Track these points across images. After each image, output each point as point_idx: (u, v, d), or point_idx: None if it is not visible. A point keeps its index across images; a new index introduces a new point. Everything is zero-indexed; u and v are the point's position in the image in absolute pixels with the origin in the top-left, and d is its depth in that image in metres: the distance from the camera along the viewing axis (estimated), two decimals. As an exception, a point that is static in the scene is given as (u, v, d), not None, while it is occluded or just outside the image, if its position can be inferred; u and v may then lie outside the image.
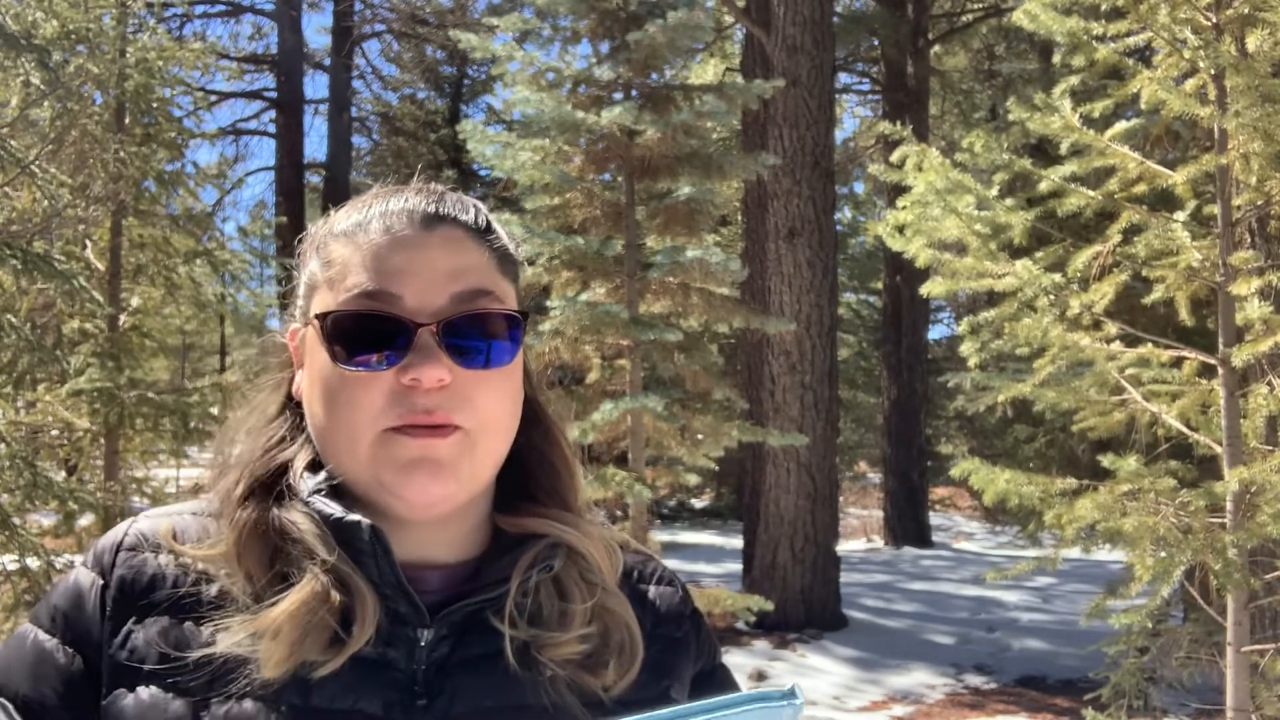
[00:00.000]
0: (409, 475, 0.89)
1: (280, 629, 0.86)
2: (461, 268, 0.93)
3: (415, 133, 21.85)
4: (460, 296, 0.91)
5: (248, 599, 0.89)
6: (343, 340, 0.90)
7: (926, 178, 4.44)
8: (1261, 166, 4.03)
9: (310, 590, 0.87)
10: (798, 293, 10.29)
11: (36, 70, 5.38)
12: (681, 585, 1.09)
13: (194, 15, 18.81)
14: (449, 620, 0.92)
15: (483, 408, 0.91)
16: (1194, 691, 6.09)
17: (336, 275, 0.93)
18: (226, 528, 0.93)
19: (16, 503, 5.30)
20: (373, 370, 0.89)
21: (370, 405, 0.89)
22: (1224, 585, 3.90)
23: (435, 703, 0.89)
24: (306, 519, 0.91)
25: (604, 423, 6.18)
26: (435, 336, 0.89)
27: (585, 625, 0.95)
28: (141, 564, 0.93)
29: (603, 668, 0.94)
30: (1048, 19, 4.16)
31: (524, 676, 0.91)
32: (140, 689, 0.87)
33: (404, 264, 0.91)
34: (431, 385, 0.88)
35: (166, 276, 7.93)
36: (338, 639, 0.87)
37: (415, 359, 0.88)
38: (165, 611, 0.90)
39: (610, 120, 6.32)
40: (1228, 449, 4.06)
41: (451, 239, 0.94)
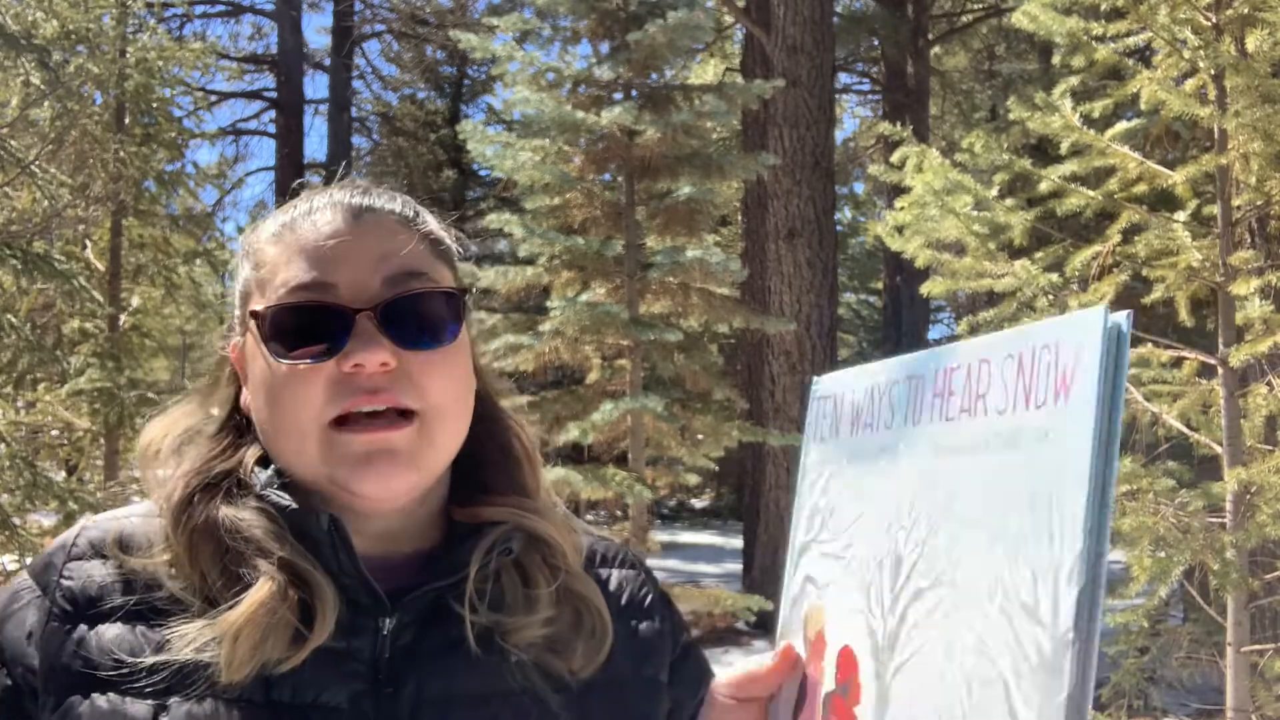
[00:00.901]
0: (364, 470, 0.88)
1: (240, 632, 0.84)
2: (391, 250, 0.92)
3: (415, 133, 21.84)
4: (393, 279, 0.91)
5: (202, 602, 0.87)
6: (280, 335, 0.89)
7: (925, 178, 4.44)
8: (1261, 166, 4.03)
9: (267, 590, 0.86)
10: (798, 293, 10.29)
11: (36, 70, 5.39)
12: (644, 568, 1.09)
13: (194, 15, 18.82)
14: (411, 607, 0.91)
15: (431, 389, 0.90)
16: (1194, 691, 6.09)
17: (268, 275, 0.93)
18: (175, 531, 0.91)
19: (16, 503, 5.31)
20: (315, 362, 0.88)
21: (313, 398, 0.88)
22: (1223, 585, 3.90)
23: (402, 691, 0.89)
24: (258, 515, 0.90)
25: (604, 423, 6.18)
26: (374, 321, 0.88)
27: (551, 609, 0.94)
28: (91, 572, 0.91)
29: (570, 651, 0.94)
30: (1048, 19, 4.16)
31: (489, 661, 0.91)
32: (96, 696, 0.86)
33: (334, 253, 0.91)
34: (374, 369, 0.87)
35: (166, 276, 7.93)
36: (299, 635, 0.86)
37: (355, 345, 0.87)
38: (119, 618, 0.88)
39: (610, 120, 6.32)
40: (1227, 449, 4.07)
41: (379, 225, 0.94)
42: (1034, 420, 0.64)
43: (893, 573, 0.73)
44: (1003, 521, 0.64)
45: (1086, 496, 0.59)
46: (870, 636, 0.74)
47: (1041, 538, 0.61)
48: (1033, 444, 0.63)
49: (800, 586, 0.83)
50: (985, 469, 0.67)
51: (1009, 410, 0.66)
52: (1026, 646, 0.61)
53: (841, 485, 0.80)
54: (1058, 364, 0.63)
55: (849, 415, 0.81)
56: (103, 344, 7.30)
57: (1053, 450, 0.62)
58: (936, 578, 0.69)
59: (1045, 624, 0.60)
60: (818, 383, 0.87)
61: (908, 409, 0.75)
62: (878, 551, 0.74)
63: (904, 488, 0.73)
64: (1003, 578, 0.63)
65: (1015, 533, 0.63)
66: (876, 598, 0.74)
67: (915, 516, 0.72)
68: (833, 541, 0.80)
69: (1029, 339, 0.66)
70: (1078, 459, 0.60)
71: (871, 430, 0.78)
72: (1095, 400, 0.60)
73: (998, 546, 0.64)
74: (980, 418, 0.68)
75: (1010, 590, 0.63)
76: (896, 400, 0.76)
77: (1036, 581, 0.61)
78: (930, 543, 0.70)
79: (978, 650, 0.64)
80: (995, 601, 0.64)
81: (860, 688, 0.74)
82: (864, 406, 0.79)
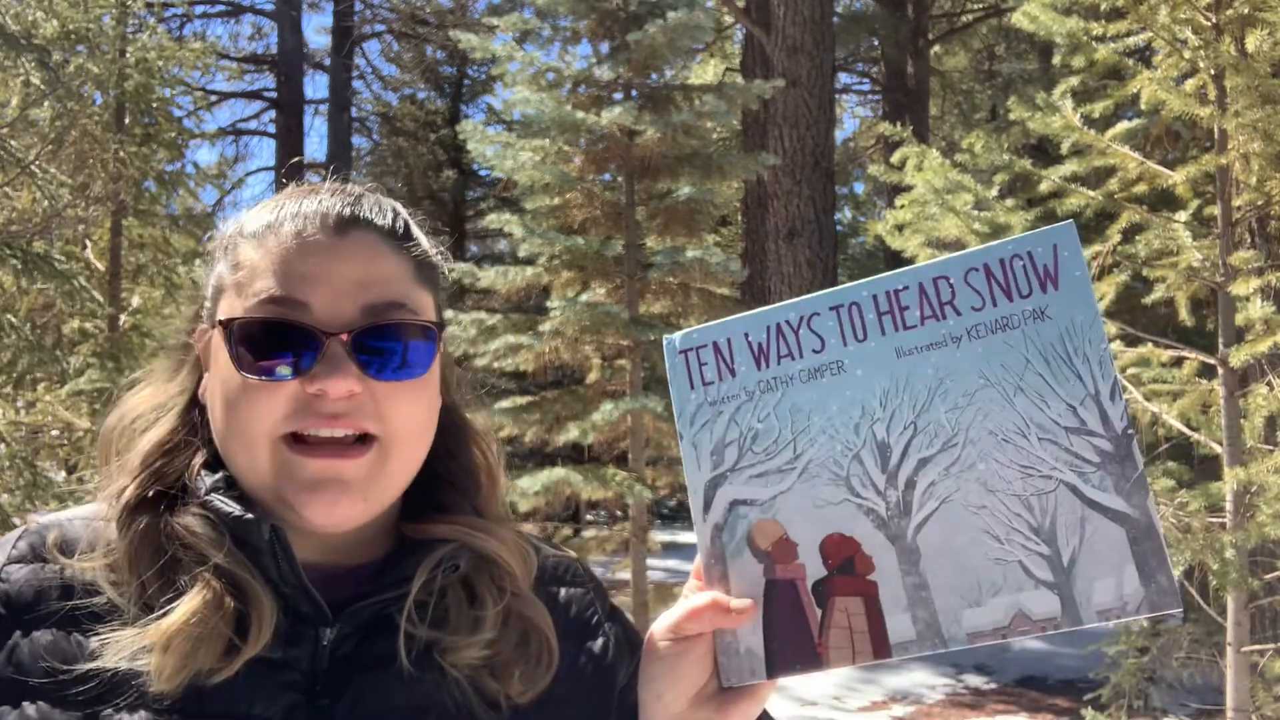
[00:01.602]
0: (311, 495, 0.86)
1: (170, 641, 0.82)
2: (373, 278, 0.90)
3: (415, 133, 21.83)
4: (371, 309, 0.89)
5: (138, 609, 0.85)
6: (247, 347, 0.87)
7: (925, 177, 4.44)
8: (1261, 166, 4.03)
9: (201, 600, 0.84)
10: (798, 293, 10.28)
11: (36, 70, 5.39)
12: (594, 584, 1.07)
13: (194, 15, 18.81)
14: (353, 619, 0.89)
15: (395, 417, 0.89)
16: (1194, 691, 6.09)
17: (244, 279, 0.90)
18: (118, 535, 0.89)
19: (16, 503, 5.31)
20: (276, 380, 0.86)
21: (271, 412, 0.86)
22: (1223, 585, 3.90)
23: (338, 704, 0.87)
24: (201, 521, 0.88)
25: (604, 423, 6.18)
26: (345, 347, 0.86)
27: (495, 630, 0.92)
28: (28, 576, 0.89)
29: (509, 675, 0.92)
30: (1048, 19, 4.16)
31: (426, 677, 0.89)
32: (26, 704, 0.83)
33: (313, 271, 0.88)
34: (340, 396, 0.86)
35: (166, 276, 7.93)
36: (233, 645, 0.84)
37: (323, 369, 0.85)
38: (53, 624, 0.86)
39: (610, 120, 6.32)
40: (1227, 449, 4.06)
41: (364, 245, 0.91)
42: (1024, 306, 0.83)
43: (878, 457, 0.86)
44: (1017, 379, 0.83)
45: (1104, 343, 0.81)
46: (868, 515, 0.85)
47: (1068, 379, 0.82)
48: (1029, 322, 0.83)
49: (726, 513, 0.90)
50: (975, 350, 0.84)
51: (987, 306, 0.85)
52: (1084, 453, 0.81)
53: (759, 413, 0.90)
54: (1035, 265, 0.84)
55: (746, 354, 0.91)
56: (103, 344, 7.30)
57: (1054, 322, 0.83)
58: (945, 442, 0.84)
59: (1100, 433, 0.81)
60: (674, 338, 0.94)
61: (844, 332, 0.88)
62: (849, 448, 0.87)
63: (864, 391, 0.87)
64: (1033, 417, 0.82)
65: (1036, 384, 0.82)
66: (862, 483, 0.86)
67: (892, 408, 0.86)
68: (767, 461, 0.89)
69: (993, 253, 0.86)
70: (1087, 321, 0.82)
71: (794, 359, 0.90)
72: (1087, 280, 0.82)
73: (1018, 399, 0.82)
74: (952, 318, 0.85)
75: (1046, 424, 0.82)
76: (823, 329, 0.89)
77: (1077, 409, 0.81)
78: (924, 420, 0.85)
79: (1024, 475, 0.82)
80: (1031, 436, 0.82)
81: (870, 557, 0.85)
82: (770, 343, 0.91)
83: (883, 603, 0.84)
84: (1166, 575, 0.77)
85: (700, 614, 0.86)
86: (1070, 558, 0.79)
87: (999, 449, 0.82)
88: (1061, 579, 0.80)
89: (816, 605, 0.86)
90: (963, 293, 0.85)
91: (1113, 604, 0.78)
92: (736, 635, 0.87)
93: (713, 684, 0.89)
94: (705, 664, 0.88)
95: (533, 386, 9.66)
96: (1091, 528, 0.79)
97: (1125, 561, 0.78)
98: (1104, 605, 0.79)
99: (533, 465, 6.78)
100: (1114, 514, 0.79)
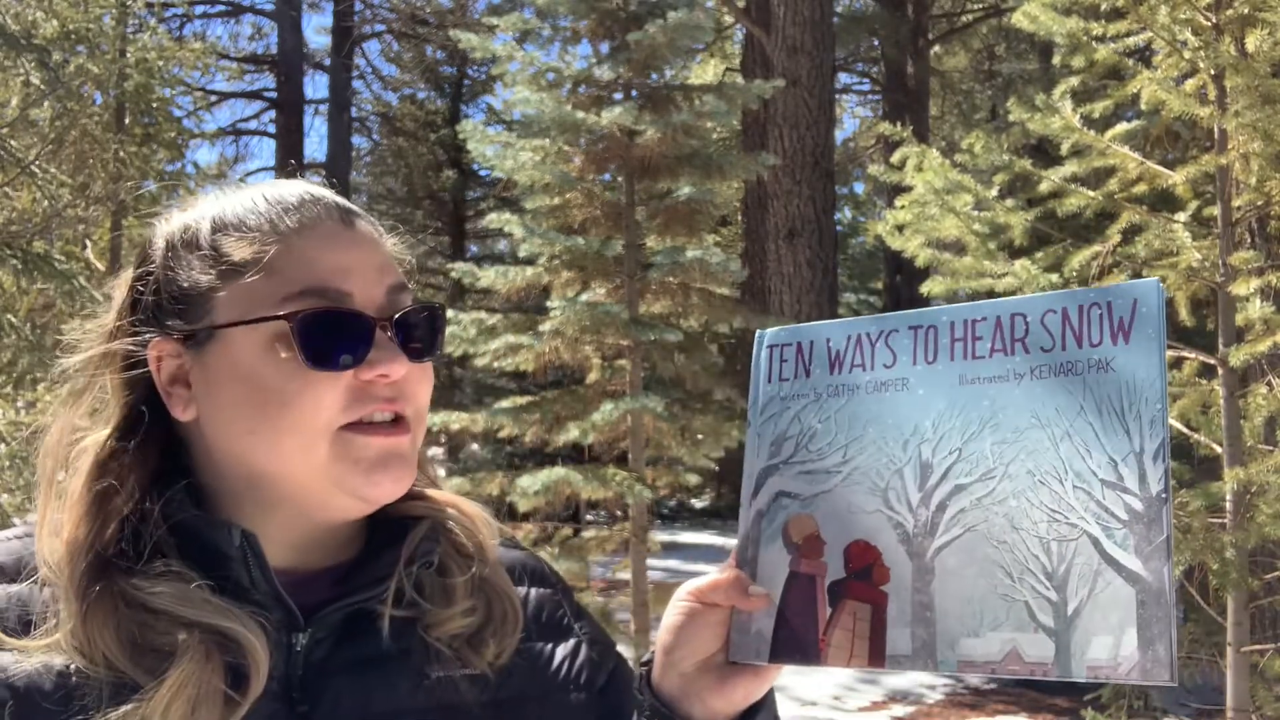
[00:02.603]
0: (380, 473, 0.87)
1: (169, 712, 0.79)
2: (384, 261, 0.93)
3: (415, 133, 21.84)
4: (392, 289, 0.92)
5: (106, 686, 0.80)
6: (306, 340, 0.85)
7: (925, 177, 4.44)
8: (1261, 167, 4.03)
9: (190, 664, 0.80)
10: (798, 293, 10.30)
11: (36, 70, 5.39)
12: (561, 584, 1.07)
13: (194, 15, 18.82)
14: (325, 622, 0.88)
15: (419, 397, 0.92)
16: (1194, 691, 6.09)
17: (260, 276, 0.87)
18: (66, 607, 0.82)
19: (16, 503, 5.31)
20: (339, 369, 0.86)
21: (332, 404, 0.86)
22: (1223, 585, 3.90)
23: (317, 710, 0.86)
24: (167, 581, 0.83)
25: (604, 423, 6.18)
26: (388, 332, 0.89)
27: (468, 599, 0.94)
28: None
29: (483, 643, 0.94)
30: (1048, 19, 4.16)
31: (407, 674, 0.89)
32: None
33: (345, 260, 0.89)
34: (397, 378, 0.88)
35: (166, 276, 7.92)
36: (230, 697, 0.81)
37: (378, 354, 0.87)
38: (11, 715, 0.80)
39: (610, 120, 6.32)
40: (1227, 449, 4.06)
41: (368, 231, 0.94)
42: (1091, 355, 0.84)
43: (918, 475, 0.88)
44: (1069, 425, 0.83)
45: (1161, 404, 0.81)
46: (896, 529, 0.88)
47: (1116, 433, 0.82)
48: (1093, 371, 0.84)
49: (770, 501, 0.95)
50: (1034, 390, 0.85)
51: (1056, 349, 0.86)
52: (1114, 509, 0.80)
53: (821, 414, 0.94)
54: (1112, 316, 0.84)
55: (824, 358, 0.96)
56: (103, 344, 7.29)
57: (1116, 375, 0.83)
58: (984, 473, 0.85)
59: (1134, 491, 0.80)
60: (765, 334, 1.00)
61: (917, 351, 0.91)
62: (893, 462, 0.89)
63: (922, 411, 0.89)
64: (1073, 465, 0.82)
65: (1084, 433, 0.83)
66: (898, 498, 0.88)
67: (943, 431, 0.88)
68: (818, 461, 0.93)
69: (1074, 299, 0.86)
70: (1149, 380, 0.82)
71: (865, 370, 0.93)
72: (1159, 344, 0.82)
73: (1063, 444, 0.83)
74: (1020, 355, 0.87)
75: (1084, 474, 0.82)
76: (898, 345, 0.92)
77: (1118, 464, 0.81)
78: (970, 448, 0.87)
79: (1050, 519, 0.82)
80: (1067, 483, 0.82)
81: (888, 569, 0.87)
82: (846, 351, 0.95)
83: (889, 614, 0.86)
84: (1166, 646, 0.76)
85: (721, 586, 0.91)
86: (1076, 608, 0.80)
87: (1033, 489, 0.83)
88: (1062, 626, 0.80)
89: (829, 604, 0.89)
90: (1036, 332, 0.87)
91: (1105, 663, 0.78)
92: (751, 616, 0.91)
93: (720, 656, 0.93)
94: (718, 634, 0.92)
95: (533, 386, 9.66)
96: (1103, 583, 0.79)
97: (1128, 623, 0.78)
98: (1096, 662, 0.79)
99: (533, 465, 6.78)
100: (1128, 574, 0.79)
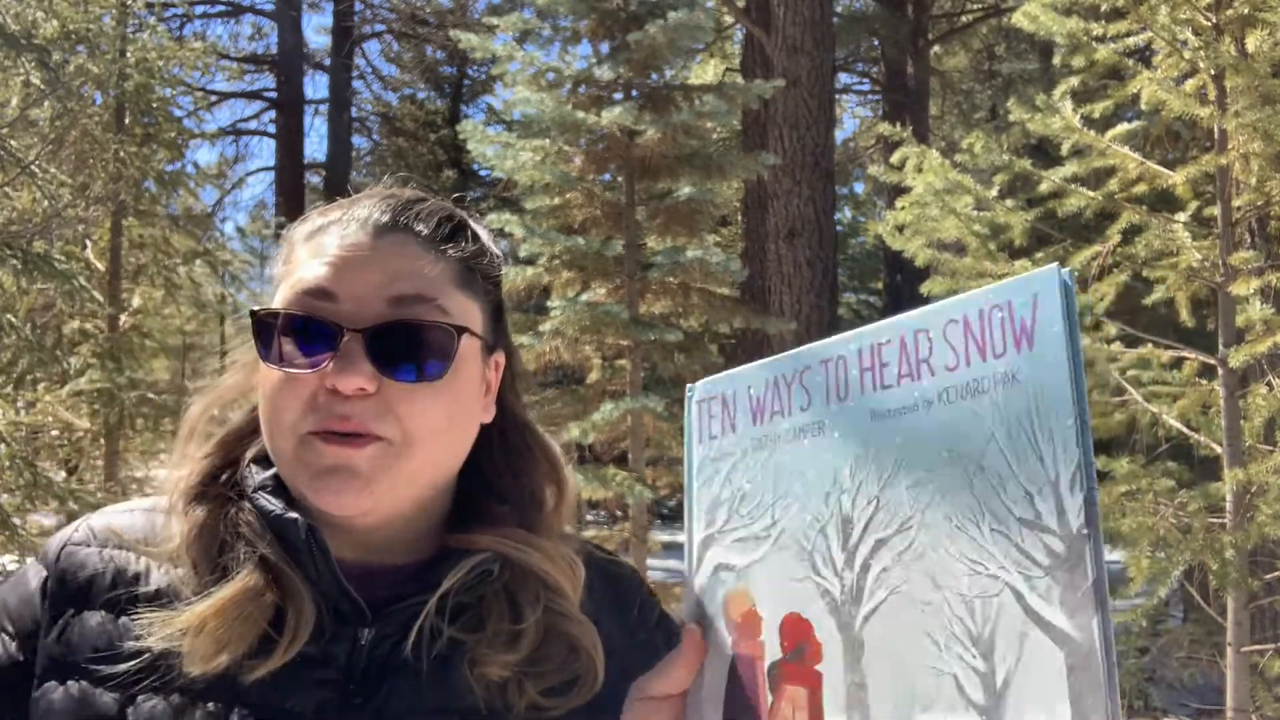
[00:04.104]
0: (322, 483, 0.87)
1: (205, 624, 0.85)
2: (401, 273, 0.90)
3: (415, 133, 21.84)
4: (396, 301, 0.89)
5: (190, 594, 0.88)
6: (272, 339, 0.89)
7: (926, 178, 4.45)
8: (1261, 167, 4.03)
9: (242, 587, 0.86)
10: (798, 293, 10.29)
11: (36, 70, 5.39)
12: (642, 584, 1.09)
13: (194, 15, 18.81)
14: (391, 619, 0.90)
15: (408, 418, 0.88)
16: (1194, 691, 6.09)
17: (288, 273, 0.94)
18: (177, 524, 0.93)
19: (16, 503, 5.31)
20: (296, 371, 0.87)
21: (294, 407, 0.87)
22: (1223, 585, 3.90)
23: (370, 702, 0.88)
24: (252, 514, 0.92)
25: (604, 423, 6.18)
26: (361, 343, 0.87)
27: (532, 648, 0.92)
28: (85, 559, 0.93)
29: (542, 688, 0.91)
30: (1048, 20, 4.16)
31: (462, 679, 0.90)
32: (70, 682, 0.87)
33: (344, 266, 0.90)
34: (350, 392, 0.86)
35: (166, 277, 7.94)
36: (269, 638, 0.86)
37: (338, 365, 0.86)
38: (102, 606, 0.90)
39: (610, 120, 6.32)
40: (1228, 449, 4.06)
41: (399, 246, 0.92)
42: (996, 368, 0.71)
43: (840, 533, 0.77)
44: (979, 456, 0.71)
45: (1074, 418, 0.67)
46: (824, 596, 0.77)
47: (1028, 460, 0.69)
48: (998, 387, 0.71)
49: (710, 576, 0.86)
50: (943, 418, 0.73)
51: (961, 366, 0.73)
52: (1034, 553, 0.68)
53: (749, 473, 0.84)
54: (1013, 318, 0.71)
55: (746, 409, 0.85)
56: (103, 344, 7.31)
57: (1024, 388, 0.70)
58: (901, 524, 0.74)
59: (1053, 530, 0.67)
60: (694, 388, 0.89)
61: (829, 389, 0.80)
62: (816, 519, 0.79)
63: (839, 456, 0.78)
64: (988, 503, 0.70)
65: (995, 463, 0.70)
66: (824, 560, 0.78)
67: (860, 479, 0.77)
68: (749, 525, 0.83)
69: (972, 303, 0.73)
70: (1057, 390, 0.68)
71: (784, 416, 0.83)
72: (1065, 340, 0.68)
73: (977, 479, 0.71)
74: (926, 379, 0.75)
75: (1000, 512, 0.69)
76: (812, 385, 0.81)
77: (1034, 498, 0.68)
78: (886, 495, 0.75)
79: (970, 572, 0.70)
80: (984, 526, 0.70)
81: (820, 645, 0.77)
82: (767, 398, 0.84)
83: (825, 698, 0.76)
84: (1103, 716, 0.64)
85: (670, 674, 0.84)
86: (1004, 678, 0.68)
87: (950, 538, 0.71)
88: (992, 703, 0.68)
89: (770, 689, 0.79)
90: (939, 349, 0.74)
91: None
92: (701, 709, 0.83)
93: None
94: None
95: (533, 386, 9.65)
96: (1031, 646, 0.67)
97: (1059, 696, 0.66)
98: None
99: (533, 465, 6.78)
100: (1056, 633, 0.67)
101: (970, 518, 0.71)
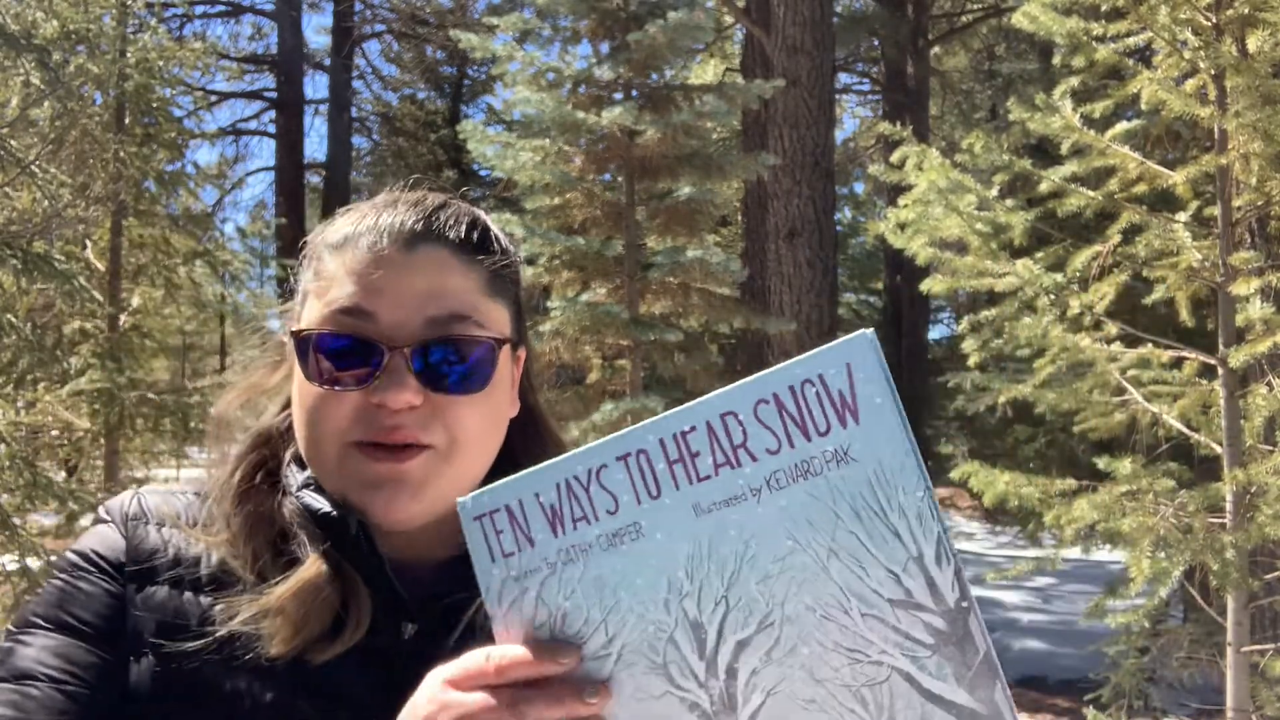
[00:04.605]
0: (372, 495, 0.91)
1: (284, 607, 0.88)
2: (439, 290, 0.93)
3: (415, 133, 21.85)
4: (435, 321, 0.92)
5: (251, 576, 0.92)
6: (316, 357, 0.92)
7: (928, 176, 4.45)
8: (1261, 167, 4.03)
9: (315, 572, 0.90)
10: (798, 293, 10.29)
11: (36, 70, 5.39)
12: None
13: (194, 15, 18.82)
14: (433, 614, 0.94)
15: (454, 426, 0.92)
16: (1194, 691, 6.09)
17: (323, 288, 0.95)
18: (228, 514, 0.96)
19: (16, 503, 5.31)
20: (343, 389, 0.91)
21: (339, 421, 0.91)
22: (1223, 585, 3.90)
23: (405, 695, 0.88)
24: (301, 511, 0.95)
25: (604, 423, 6.18)
26: (406, 361, 0.90)
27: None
28: (146, 534, 0.96)
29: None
30: (1048, 20, 4.16)
31: None
32: (143, 658, 0.90)
33: (382, 284, 0.92)
34: (398, 408, 0.90)
35: (166, 277, 7.93)
36: (336, 625, 0.90)
37: (384, 382, 0.89)
38: (164, 582, 0.93)
39: (610, 120, 6.31)
40: (1228, 449, 4.06)
41: (433, 259, 0.94)
42: (824, 446, 0.68)
43: (693, 639, 0.72)
44: (828, 541, 0.68)
45: (924, 490, 0.66)
46: (693, 710, 0.72)
47: (885, 539, 0.67)
48: (831, 467, 0.68)
49: None
50: (778, 505, 0.69)
51: (784, 448, 0.69)
52: (914, 632, 0.66)
53: (564, 589, 0.75)
54: (829, 392, 0.68)
55: (541, 519, 0.76)
56: (103, 344, 7.31)
57: (861, 466, 0.67)
58: (761, 621, 0.70)
59: (930, 607, 0.66)
60: (465, 503, 0.79)
61: (636, 487, 0.73)
62: (659, 629, 0.72)
63: (668, 559, 0.72)
64: (851, 587, 0.68)
65: (849, 545, 0.68)
66: (681, 671, 0.72)
67: (699, 579, 0.71)
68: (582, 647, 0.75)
69: (779, 380, 0.70)
70: (897, 464, 0.66)
71: (589, 522, 0.74)
72: (893, 410, 0.67)
73: (832, 565, 0.68)
74: (748, 465, 0.70)
75: (868, 596, 0.67)
76: (614, 484, 0.74)
77: (899, 577, 0.67)
78: (735, 594, 0.70)
79: (851, 661, 0.68)
80: (853, 612, 0.68)
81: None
82: (563, 505, 0.75)
83: None
84: None
85: None
86: None
87: (820, 628, 0.68)
88: None
89: None
90: (755, 432, 0.70)
91: None
92: None
93: None
94: None
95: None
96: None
97: None
98: None
99: (533, 465, 6.78)
100: (958, 710, 0.65)
101: (836, 605, 0.68)
